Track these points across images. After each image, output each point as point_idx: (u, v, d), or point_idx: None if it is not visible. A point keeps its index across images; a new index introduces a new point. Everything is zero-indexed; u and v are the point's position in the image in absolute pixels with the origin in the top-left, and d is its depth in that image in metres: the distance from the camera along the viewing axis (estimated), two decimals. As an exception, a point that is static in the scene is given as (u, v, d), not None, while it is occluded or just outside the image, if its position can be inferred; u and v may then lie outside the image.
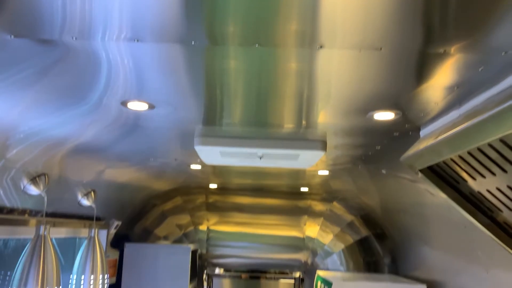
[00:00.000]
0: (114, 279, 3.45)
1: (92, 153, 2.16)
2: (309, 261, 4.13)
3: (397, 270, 3.86)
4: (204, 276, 4.16)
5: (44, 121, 1.60)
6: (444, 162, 1.44)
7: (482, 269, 2.26)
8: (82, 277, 2.36)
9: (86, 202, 2.50)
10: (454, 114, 1.41)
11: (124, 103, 1.48)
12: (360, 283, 2.90)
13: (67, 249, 2.72)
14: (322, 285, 3.17)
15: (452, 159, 1.39)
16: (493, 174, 1.29)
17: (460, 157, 1.33)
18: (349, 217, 4.09)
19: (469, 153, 1.27)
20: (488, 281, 2.22)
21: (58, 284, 1.81)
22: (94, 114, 1.58)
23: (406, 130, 1.72)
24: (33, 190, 1.91)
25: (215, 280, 4.18)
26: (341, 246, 4.08)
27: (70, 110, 1.52)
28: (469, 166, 1.35)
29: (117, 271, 3.53)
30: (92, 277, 2.38)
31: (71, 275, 2.38)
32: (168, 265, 3.47)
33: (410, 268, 3.47)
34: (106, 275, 2.45)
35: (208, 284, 4.16)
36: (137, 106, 1.50)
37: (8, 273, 2.04)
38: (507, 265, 2.04)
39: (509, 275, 2.03)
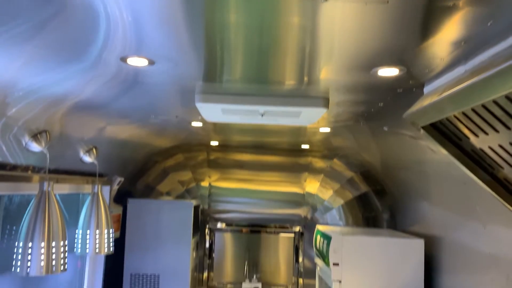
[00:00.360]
0: (118, 234, 3.53)
1: (92, 110, 2.14)
2: (309, 216, 4.21)
3: (395, 225, 3.94)
4: (206, 230, 4.26)
5: (44, 77, 1.58)
6: (447, 119, 1.43)
7: (480, 224, 2.30)
8: (88, 231, 2.41)
9: (88, 158, 2.51)
10: (459, 70, 1.38)
11: (123, 59, 1.45)
12: (358, 237, 2.97)
13: (71, 205, 2.77)
14: (322, 239, 3.24)
15: (455, 116, 1.38)
16: (496, 131, 1.28)
17: (464, 114, 1.32)
18: (349, 174, 4.13)
19: (473, 110, 1.26)
20: (485, 236, 2.26)
21: (64, 239, 1.85)
22: (94, 70, 1.56)
23: (410, 86, 1.70)
24: (35, 147, 1.91)
25: (217, 234, 4.28)
26: (340, 201, 4.14)
27: (70, 66, 1.50)
28: (472, 123, 1.34)
29: (121, 226, 3.60)
30: (97, 231, 2.43)
31: (76, 230, 2.43)
32: (171, 220, 3.54)
33: (409, 223, 3.54)
34: (111, 230, 2.51)
35: (210, 238, 4.27)
36: (137, 62, 1.48)
37: (14, 227, 2.09)
38: (505, 220, 2.07)
39: (506, 231, 2.08)
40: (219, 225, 4.27)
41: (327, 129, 3.05)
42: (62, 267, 1.84)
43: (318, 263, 3.45)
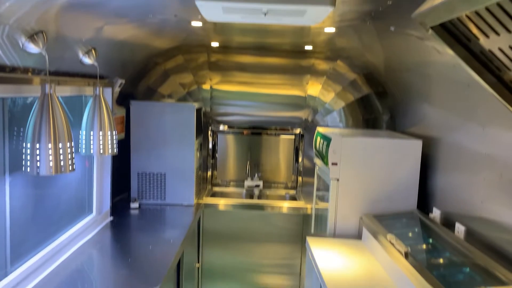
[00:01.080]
0: (123, 135, 3.61)
1: (88, 9, 2.05)
2: (310, 119, 4.26)
3: (394, 127, 4.00)
4: (209, 132, 4.34)
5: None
6: (458, 19, 1.38)
7: (479, 126, 2.33)
8: (91, 133, 2.45)
9: (87, 60, 2.47)
10: (476, -35, 1.30)
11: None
12: (358, 139, 3.03)
13: (75, 107, 2.78)
14: (321, 141, 3.31)
15: (466, 16, 1.32)
16: (509, 31, 1.24)
17: (476, 13, 1.26)
18: (352, 76, 4.09)
19: (487, 9, 1.21)
20: (483, 138, 2.31)
21: (70, 140, 1.89)
22: (86, -36, 1.46)
23: (421, -17, 1.61)
24: (32, 48, 1.87)
25: (219, 136, 4.37)
26: (341, 104, 4.16)
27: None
28: (484, 23, 1.29)
29: (126, 128, 3.66)
30: (100, 133, 2.47)
31: (80, 131, 2.47)
32: (175, 122, 3.59)
33: (408, 125, 3.59)
34: (114, 131, 2.55)
35: (213, 140, 4.36)
36: (132, -45, 1.38)
37: (22, 129, 2.12)
38: (504, 123, 2.10)
39: (505, 133, 2.11)
40: (221, 127, 4.34)
41: (332, 29, 2.96)
42: (70, 167, 1.90)
43: (317, 163, 3.57)
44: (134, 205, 3.54)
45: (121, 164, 3.60)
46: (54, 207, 2.54)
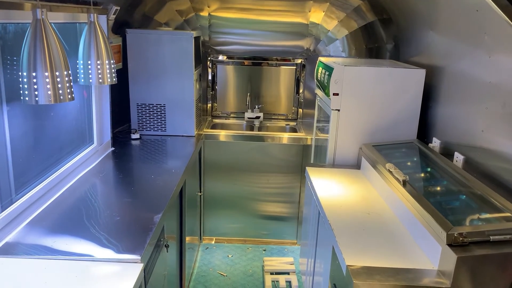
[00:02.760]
0: (120, 65, 3.53)
1: None
2: (312, 48, 4.15)
3: (398, 56, 3.91)
4: (208, 63, 4.25)
5: None
6: None
7: (485, 54, 2.27)
8: (89, 62, 2.39)
9: (79, -16, 2.35)
10: None
11: None
12: (360, 68, 2.97)
13: (70, 36, 2.70)
14: (323, 71, 3.25)
15: None
16: None
17: None
18: (356, 2, 3.93)
19: None
20: (488, 66, 2.26)
21: (67, 68, 1.84)
22: None
23: None
24: (20, -30, 1.76)
25: (219, 67, 4.28)
26: (344, 32, 4.03)
27: None
28: None
29: (123, 58, 3.58)
30: (98, 62, 2.41)
31: (77, 61, 2.41)
32: (172, 51, 3.50)
33: (412, 54, 3.51)
34: (112, 60, 2.49)
35: (212, 71, 4.29)
36: None
37: (15, 58, 2.07)
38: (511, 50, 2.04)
39: (511, 60, 2.06)
40: (220, 57, 4.24)
41: (336, -50, 2.79)
42: (69, 95, 1.87)
43: (318, 94, 3.53)
44: (135, 136, 3.56)
45: (119, 95, 3.56)
46: (55, 138, 2.54)
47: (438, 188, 2.28)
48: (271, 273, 3.64)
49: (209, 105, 4.39)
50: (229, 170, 4.03)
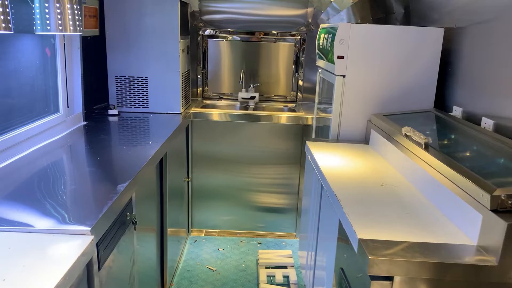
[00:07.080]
0: (97, 31, 3.14)
1: None
2: (313, 20, 3.77)
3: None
4: (199, 38, 3.86)
5: None
6: None
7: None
8: (46, 4, 1.99)
9: None
10: None
11: None
12: (369, 26, 2.57)
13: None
14: (326, 35, 2.86)
15: None
16: None
17: None
18: (362, -35, 3.55)
19: None
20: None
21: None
22: None
23: None
24: None
25: (210, 43, 3.89)
26: (349, 2, 3.64)
27: None
28: None
29: (100, 25, 3.18)
30: (57, 5, 2.02)
31: (33, 5, 2.02)
32: (156, 18, 3.10)
33: (425, 24, 3.10)
34: (76, 5, 2.10)
35: (203, 46, 3.89)
36: None
37: None
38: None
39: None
40: (211, 32, 3.85)
41: None
42: (4, 24, 1.48)
43: (320, 65, 3.13)
44: (113, 111, 3.15)
45: (95, 65, 3.16)
46: (2, 96, 2.13)
47: (468, 154, 1.87)
48: (267, 267, 3.21)
49: (200, 86, 3.99)
50: (221, 156, 3.62)
